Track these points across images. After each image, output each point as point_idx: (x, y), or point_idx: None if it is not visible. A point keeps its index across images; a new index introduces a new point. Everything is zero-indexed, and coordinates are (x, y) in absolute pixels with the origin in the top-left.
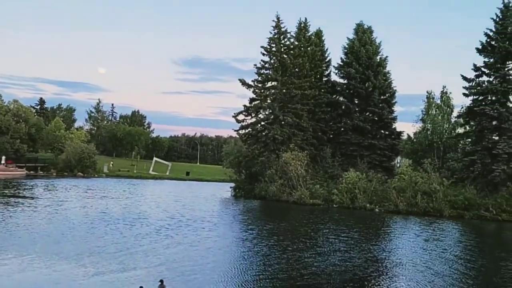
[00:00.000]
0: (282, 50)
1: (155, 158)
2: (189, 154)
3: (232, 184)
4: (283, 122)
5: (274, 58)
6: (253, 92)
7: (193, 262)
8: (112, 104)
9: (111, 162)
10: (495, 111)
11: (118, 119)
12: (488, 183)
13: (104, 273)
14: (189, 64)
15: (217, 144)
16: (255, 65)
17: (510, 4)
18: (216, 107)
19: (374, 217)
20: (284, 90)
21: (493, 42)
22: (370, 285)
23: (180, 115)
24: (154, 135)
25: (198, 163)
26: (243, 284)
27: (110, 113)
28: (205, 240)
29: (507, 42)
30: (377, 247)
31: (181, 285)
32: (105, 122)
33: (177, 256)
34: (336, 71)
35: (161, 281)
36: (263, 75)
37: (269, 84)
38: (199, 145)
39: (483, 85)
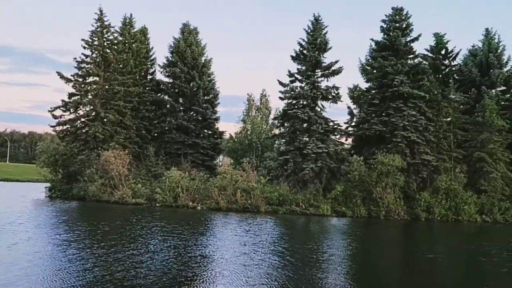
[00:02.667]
0: (105, 44)
1: None
2: None
3: (48, 184)
4: (105, 120)
5: (96, 52)
6: (72, 86)
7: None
8: None
9: None
10: (306, 114)
11: None
12: (299, 180)
13: None
14: None
15: (31, 141)
16: (75, 58)
17: (320, 18)
18: (29, 100)
19: (197, 215)
20: (106, 86)
21: (305, 51)
22: (196, 280)
23: None
24: None
25: (7, 162)
26: None
27: None
28: (17, 245)
29: (317, 52)
30: (202, 243)
31: None
32: None
33: None
34: (162, 69)
35: None
36: (84, 70)
37: (90, 79)
38: (9, 142)
39: (296, 90)
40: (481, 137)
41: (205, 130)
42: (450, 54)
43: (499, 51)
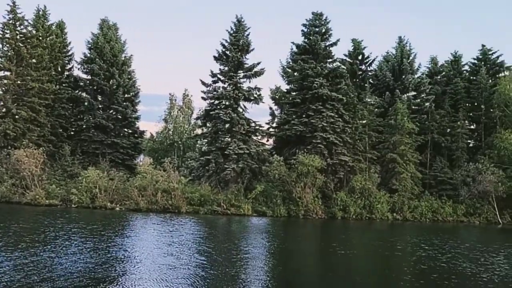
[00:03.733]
0: (18, 38)
1: None
2: None
3: None
4: (16, 116)
5: (7, 46)
6: None
7: None
8: None
9: None
10: (228, 115)
11: None
12: (221, 181)
13: None
14: None
15: None
16: None
17: (243, 19)
18: None
19: (116, 216)
20: (19, 82)
21: (227, 52)
22: (122, 282)
23: None
24: None
25: None
26: None
27: None
28: None
29: (239, 53)
30: (124, 245)
31: None
32: None
33: None
34: (79, 66)
35: None
36: None
37: (1, 73)
38: None
39: (219, 90)
40: (393, 139)
41: (125, 129)
42: (367, 60)
43: (411, 58)
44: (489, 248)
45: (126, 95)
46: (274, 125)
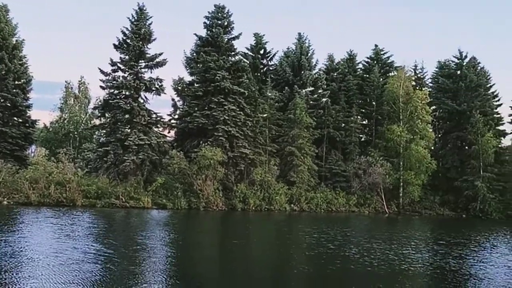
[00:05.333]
0: None
1: None
2: None
3: None
4: None
5: None
6: None
7: None
8: None
9: None
10: (129, 105)
11: None
12: (120, 173)
13: None
14: None
15: None
16: None
17: (145, 8)
18: None
19: (3, 210)
20: None
21: (128, 41)
22: (14, 281)
23: None
24: None
25: None
26: None
27: None
28: None
29: (141, 42)
30: (7, 241)
31: None
32: None
33: None
34: None
35: None
36: None
37: None
38: None
39: (119, 80)
40: (292, 133)
41: (15, 118)
42: (268, 54)
43: (309, 54)
44: (374, 235)
45: (16, 82)
46: (176, 116)
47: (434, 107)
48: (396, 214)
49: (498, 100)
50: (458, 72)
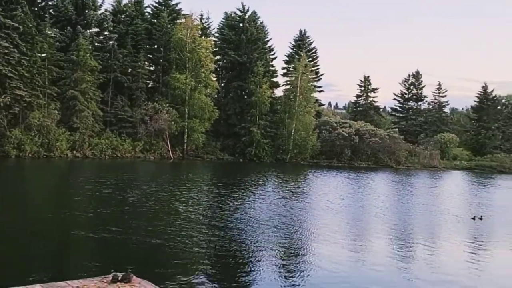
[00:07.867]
0: None
1: None
2: None
3: None
4: None
5: None
6: None
7: None
8: None
9: None
10: None
11: None
12: None
13: None
14: None
15: None
16: None
17: None
18: None
19: None
20: None
21: None
22: None
23: None
24: None
25: None
26: None
27: None
28: None
29: None
30: None
31: None
32: None
33: None
34: None
35: None
36: None
37: None
38: None
39: None
40: (75, 76)
41: None
42: None
43: None
44: (156, 179)
45: None
46: None
47: (218, 57)
48: (180, 159)
49: (274, 54)
50: (241, 24)
